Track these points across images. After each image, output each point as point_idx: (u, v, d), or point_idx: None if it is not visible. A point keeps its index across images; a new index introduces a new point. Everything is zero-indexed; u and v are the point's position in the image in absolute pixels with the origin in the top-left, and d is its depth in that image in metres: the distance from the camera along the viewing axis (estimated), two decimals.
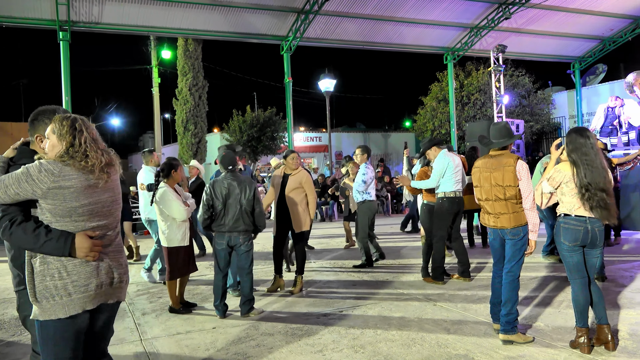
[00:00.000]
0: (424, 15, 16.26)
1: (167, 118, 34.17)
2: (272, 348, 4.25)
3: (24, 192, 2.27)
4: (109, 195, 2.45)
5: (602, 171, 3.78)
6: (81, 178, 2.33)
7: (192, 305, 5.66)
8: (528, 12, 16.63)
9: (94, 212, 2.38)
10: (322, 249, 9.63)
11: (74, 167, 2.32)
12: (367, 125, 37.60)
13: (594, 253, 3.93)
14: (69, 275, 2.32)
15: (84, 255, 2.31)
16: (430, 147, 6.42)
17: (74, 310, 2.32)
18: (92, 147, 2.38)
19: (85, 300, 2.35)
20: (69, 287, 2.31)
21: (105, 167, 2.41)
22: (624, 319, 4.61)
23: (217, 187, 5.26)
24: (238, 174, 5.40)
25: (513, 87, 20.85)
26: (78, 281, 2.33)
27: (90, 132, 2.42)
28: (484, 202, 4.35)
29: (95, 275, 2.37)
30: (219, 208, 5.23)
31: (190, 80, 22.61)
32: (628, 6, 17.12)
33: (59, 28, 13.27)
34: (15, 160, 2.64)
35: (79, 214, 2.33)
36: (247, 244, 5.32)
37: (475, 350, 4.00)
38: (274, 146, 21.73)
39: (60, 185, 2.28)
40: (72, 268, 2.33)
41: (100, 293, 2.39)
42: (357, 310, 5.31)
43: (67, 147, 2.34)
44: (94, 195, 2.37)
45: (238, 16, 14.94)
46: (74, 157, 2.33)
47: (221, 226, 5.25)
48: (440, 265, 6.33)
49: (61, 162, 2.32)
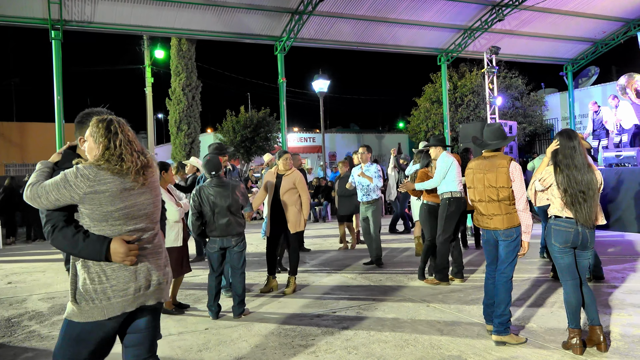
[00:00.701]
0: (418, 16, 16.30)
1: (161, 118, 34.06)
2: (265, 349, 4.23)
3: (63, 197, 2.28)
4: (146, 198, 2.43)
5: (584, 173, 3.80)
6: (116, 182, 2.31)
7: (184, 307, 5.63)
8: (521, 14, 16.71)
9: (130, 216, 2.36)
10: (316, 250, 9.63)
11: (109, 171, 2.31)
12: (361, 126, 37.65)
13: (585, 255, 3.95)
14: (108, 279, 2.32)
15: (120, 259, 2.30)
16: (437, 145, 6.37)
17: (112, 313, 2.33)
18: (128, 149, 2.36)
19: (124, 304, 2.34)
20: (107, 292, 2.31)
21: (142, 169, 2.39)
22: (616, 320, 4.63)
23: (203, 194, 5.22)
24: (223, 178, 5.35)
25: (506, 89, 20.94)
26: (117, 285, 2.33)
27: (126, 134, 2.40)
28: (477, 203, 4.36)
29: (134, 280, 2.36)
30: (208, 214, 5.20)
31: (183, 80, 22.54)
32: (620, 9, 17.24)
33: (51, 27, 13.18)
34: (59, 164, 2.59)
35: (115, 218, 2.33)
36: (240, 245, 5.30)
37: (469, 352, 4.00)
38: (267, 147, 21.71)
39: (96, 189, 2.28)
40: (111, 272, 2.33)
41: (138, 296, 2.38)
42: (351, 311, 5.30)
43: (103, 151, 2.33)
44: (130, 198, 2.36)
45: (232, 16, 14.91)
46: (110, 160, 2.31)
47: (213, 231, 5.23)
48: (447, 266, 6.27)
49: (96, 166, 2.31)
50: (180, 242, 5.46)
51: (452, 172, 6.15)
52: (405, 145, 29.95)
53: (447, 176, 6.14)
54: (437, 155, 6.34)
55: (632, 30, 18.19)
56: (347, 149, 28.96)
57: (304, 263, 8.10)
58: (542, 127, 22.36)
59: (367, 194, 7.80)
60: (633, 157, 10.81)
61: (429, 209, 6.57)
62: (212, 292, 5.24)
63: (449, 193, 6.14)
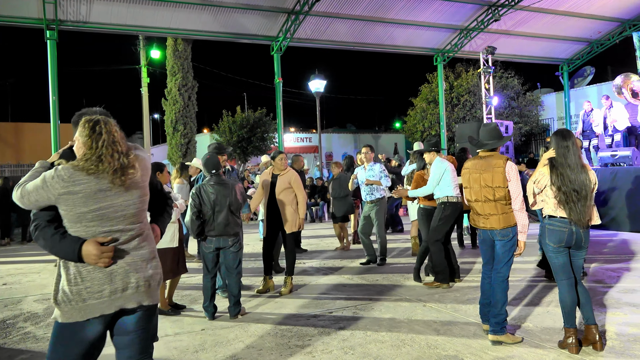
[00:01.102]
0: (414, 16, 16.30)
1: (157, 118, 33.99)
2: (261, 350, 4.23)
3: (42, 198, 2.28)
4: (125, 200, 2.38)
5: (578, 173, 3.81)
6: (92, 183, 2.29)
7: (181, 307, 5.62)
8: (517, 14, 16.73)
9: (105, 217, 2.33)
10: (312, 250, 9.62)
11: (84, 171, 2.29)
12: (358, 126, 37.69)
13: (579, 254, 3.96)
14: (83, 281, 2.31)
15: (93, 261, 2.28)
16: (431, 150, 6.31)
17: (89, 315, 2.31)
18: (109, 150, 2.34)
19: (101, 307, 2.32)
20: (82, 293, 2.30)
21: (121, 170, 2.35)
22: (611, 319, 4.64)
23: (203, 192, 5.20)
24: (222, 177, 5.34)
25: (502, 89, 20.99)
26: (92, 287, 2.31)
27: (111, 135, 2.38)
28: (473, 203, 4.36)
29: (109, 282, 2.33)
30: (208, 213, 5.18)
31: (179, 80, 22.49)
32: (616, 9, 17.29)
33: (46, 27, 13.11)
34: (56, 164, 2.61)
35: (89, 219, 2.30)
36: (235, 246, 5.29)
37: (465, 351, 4.00)
38: (264, 147, 21.70)
39: (70, 190, 2.26)
40: (86, 274, 2.31)
41: (115, 299, 2.34)
42: (347, 311, 5.30)
43: (85, 151, 2.33)
44: (107, 199, 2.32)
45: (228, 16, 14.87)
46: (88, 160, 2.30)
47: (211, 231, 5.21)
48: (445, 267, 6.16)
49: (74, 166, 2.29)
50: (176, 242, 5.45)
51: (446, 177, 6.09)
52: (402, 145, 29.98)
53: (442, 181, 6.10)
54: (432, 160, 6.30)
55: (627, 30, 18.24)
56: (344, 149, 29.00)
57: (300, 263, 8.10)
58: (538, 127, 22.42)
59: (370, 193, 7.82)
60: (628, 156, 10.86)
61: (425, 213, 6.58)
62: (208, 293, 5.22)
63: (445, 197, 6.09)
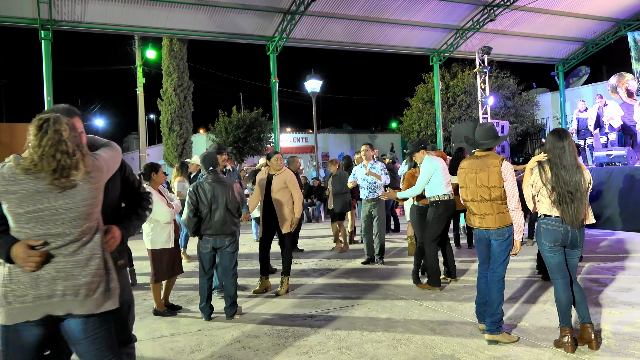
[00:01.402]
0: (410, 16, 16.32)
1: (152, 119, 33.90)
2: (257, 350, 4.22)
3: None
4: (65, 202, 2.25)
5: (573, 174, 3.81)
6: (30, 183, 2.21)
7: (177, 308, 5.60)
8: (513, 14, 16.77)
9: (42, 220, 2.23)
10: (309, 250, 9.61)
11: (24, 171, 2.22)
12: (354, 126, 37.66)
13: (575, 253, 3.97)
14: (11, 283, 2.24)
15: (21, 264, 2.22)
16: (418, 150, 6.25)
17: (16, 319, 2.23)
18: (52, 149, 2.23)
19: (24, 312, 2.23)
20: (8, 296, 2.23)
21: (61, 171, 2.23)
22: (607, 318, 4.66)
23: (200, 190, 5.16)
24: (220, 175, 5.31)
25: (498, 89, 21.03)
26: (16, 291, 2.23)
27: (59, 134, 2.26)
28: (469, 202, 4.36)
29: (33, 287, 2.22)
30: (204, 212, 5.14)
31: (175, 80, 22.43)
32: (611, 9, 17.35)
33: (40, 27, 13.07)
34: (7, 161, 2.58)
35: (24, 221, 2.23)
36: (232, 246, 5.27)
37: (461, 351, 4.01)
38: (260, 147, 21.66)
39: (8, 190, 2.21)
40: (15, 277, 2.25)
41: (40, 305, 2.23)
42: (344, 311, 5.29)
43: (30, 150, 2.25)
44: (44, 201, 2.22)
45: (224, 16, 14.86)
46: (28, 159, 2.23)
47: (208, 229, 5.17)
48: (437, 270, 6.11)
49: (16, 165, 2.23)
50: (172, 243, 5.44)
51: (437, 175, 6.00)
52: (398, 145, 30.00)
53: (432, 180, 6.02)
54: (421, 159, 6.21)
55: (622, 30, 18.32)
56: (340, 149, 28.99)
57: (297, 263, 8.09)
58: (533, 126, 22.48)
59: (373, 192, 7.82)
60: (623, 156, 10.89)
61: (419, 211, 6.51)
62: (204, 294, 5.20)
63: (437, 197, 6.02)
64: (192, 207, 5.15)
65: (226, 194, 5.16)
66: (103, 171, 2.43)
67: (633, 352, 3.81)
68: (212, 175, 5.22)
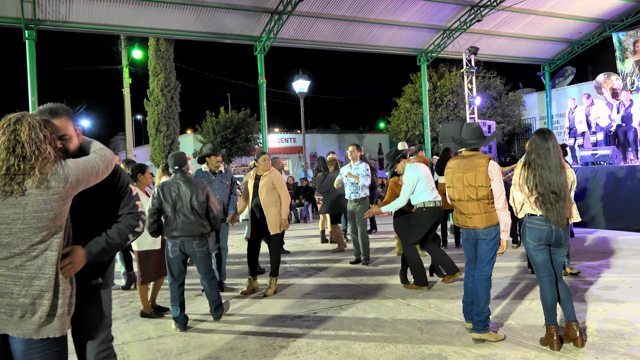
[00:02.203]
0: (397, 16, 16.38)
1: (139, 119, 33.66)
2: (245, 351, 4.20)
3: None
4: (15, 212, 2.05)
5: (557, 174, 3.83)
6: None
7: (164, 310, 5.55)
8: (499, 14, 16.91)
9: None
10: (297, 251, 9.60)
11: None
12: (342, 127, 37.70)
13: (560, 252, 4.00)
14: None
15: None
16: (397, 161, 6.06)
17: None
18: (4, 152, 2.06)
19: None
20: None
21: (12, 175, 2.05)
22: (592, 316, 4.70)
23: (166, 189, 4.91)
24: (188, 175, 5.09)
25: (485, 89, 21.19)
26: None
27: (14, 134, 2.08)
28: (456, 202, 4.38)
29: None
30: (168, 212, 4.88)
31: (162, 80, 22.28)
32: (596, 10, 17.57)
33: (24, 26, 12.91)
34: None
35: None
36: (201, 251, 4.97)
37: (449, 350, 4.02)
38: (248, 148, 21.58)
39: None
40: None
41: None
42: (332, 311, 5.29)
43: None
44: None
45: (211, 16, 14.80)
46: None
47: (172, 231, 4.88)
48: (422, 270, 6.05)
49: None
50: (159, 245, 5.40)
51: (420, 184, 5.92)
52: (386, 145, 30.09)
53: (416, 188, 5.92)
54: (403, 168, 6.05)
55: (607, 30, 18.56)
56: (328, 149, 28.89)
57: (284, 264, 8.07)
58: (520, 126, 22.69)
59: (355, 192, 7.84)
60: (608, 155, 11.03)
61: (403, 215, 6.36)
62: (176, 303, 4.86)
63: (422, 203, 5.94)
64: (153, 208, 4.89)
65: (194, 193, 4.89)
66: (68, 182, 2.14)
67: (617, 349, 3.85)
68: (180, 174, 4.99)
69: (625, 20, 17.94)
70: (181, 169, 5.04)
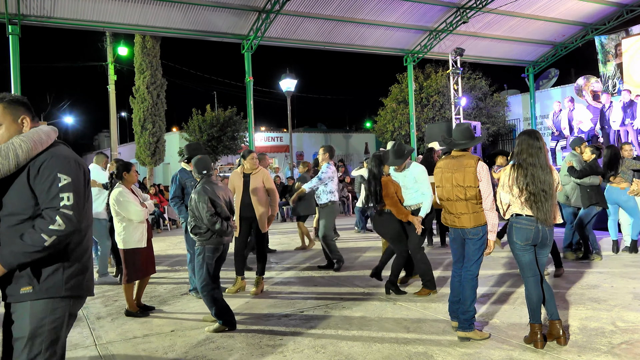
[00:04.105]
0: (384, 17, 16.45)
1: (124, 117, 33.32)
2: (232, 350, 4.20)
3: None
4: None
5: (547, 173, 3.90)
6: None
7: (150, 309, 5.52)
8: (485, 16, 17.08)
9: None
10: (284, 250, 9.59)
11: None
12: (329, 126, 37.76)
13: (544, 252, 4.06)
14: None
15: None
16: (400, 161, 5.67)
17: None
18: None
19: None
20: None
21: None
22: (574, 314, 4.78)
23: (210, 193, 4.67)
24: (213, 180, 4.87)
25: (470, 90, 21.35)
26: None
27: None
28: (445, 202, 4.42)
29: None
30: (224, 214, 4.75)
31: (148, 78, 22.10)
32: (579, 13, 17.83)
33: (8, 21, 12.70)
34: None
35: None
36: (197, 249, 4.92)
37: (434, 348, 4.06)
38: (234, 146, 21.50)
39: None
40: None
41: None
42: (318, 310, 5.30)
43: None
44: None
45: (198, 14, 14.71)
46: None
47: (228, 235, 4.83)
48: (431, 274, 5.74)
49: None
50: (145, 243, 5.37)
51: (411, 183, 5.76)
52: (373, 144, 30.19)
53: (416, 187, 5.72)
54: (404, 167, 5.78)
55: (590, 34, 18.85)
56: (315, 148, 28.99)
57: (271, 263, 8.07)
58: (504, 127, 22.90)
59: (318, 197, 7.57)
60: None
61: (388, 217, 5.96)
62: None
63: (418, 205, 5.77)
64: (213, 210, 4.69)
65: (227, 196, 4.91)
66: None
67: (599, 347, 3.92)
68: (207, 179, 4.80)
69: (608, 24, 18.24)
70: (209, 173, 4.83)
